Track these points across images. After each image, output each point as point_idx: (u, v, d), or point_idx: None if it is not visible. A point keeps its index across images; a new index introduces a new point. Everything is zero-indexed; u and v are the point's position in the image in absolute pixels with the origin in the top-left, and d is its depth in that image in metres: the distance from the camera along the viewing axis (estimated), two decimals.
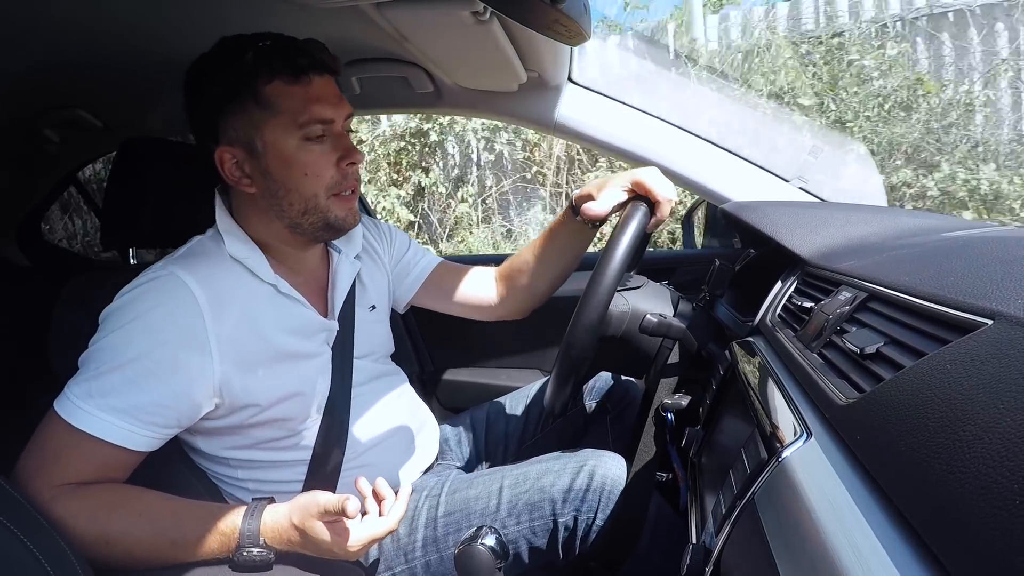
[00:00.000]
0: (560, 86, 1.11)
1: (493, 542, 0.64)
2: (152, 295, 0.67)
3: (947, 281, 0.42)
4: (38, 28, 0.79)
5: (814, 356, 0.50)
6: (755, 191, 1.08)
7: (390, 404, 0.89)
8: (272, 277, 0.75)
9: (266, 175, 0.72)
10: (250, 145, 0.71)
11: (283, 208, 0.73)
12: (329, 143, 0.73)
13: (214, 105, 0.71)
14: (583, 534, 0.78)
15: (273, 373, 0.73)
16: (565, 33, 0.57)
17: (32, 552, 0.48)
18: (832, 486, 0.35)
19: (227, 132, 0.71)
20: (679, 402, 0.81)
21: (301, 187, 0.72)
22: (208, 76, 0.71)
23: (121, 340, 0.64)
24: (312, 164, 0.72)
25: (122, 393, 0.63)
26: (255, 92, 0.69)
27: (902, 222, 0.78)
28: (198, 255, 0.73)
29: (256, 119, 0.70)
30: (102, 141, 1.35)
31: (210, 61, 0.71)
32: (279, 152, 0.70)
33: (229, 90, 0.70)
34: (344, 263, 0.86)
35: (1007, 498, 0.23)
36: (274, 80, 0.69)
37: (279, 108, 0.69)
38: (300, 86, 0.69)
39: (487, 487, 0.82)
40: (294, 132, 0.70)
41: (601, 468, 0.80)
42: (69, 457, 0.62)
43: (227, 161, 0.72)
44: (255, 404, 0.72)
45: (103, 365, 0.63)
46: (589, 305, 0.71)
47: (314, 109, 0.70)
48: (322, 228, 0.76)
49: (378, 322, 0.92)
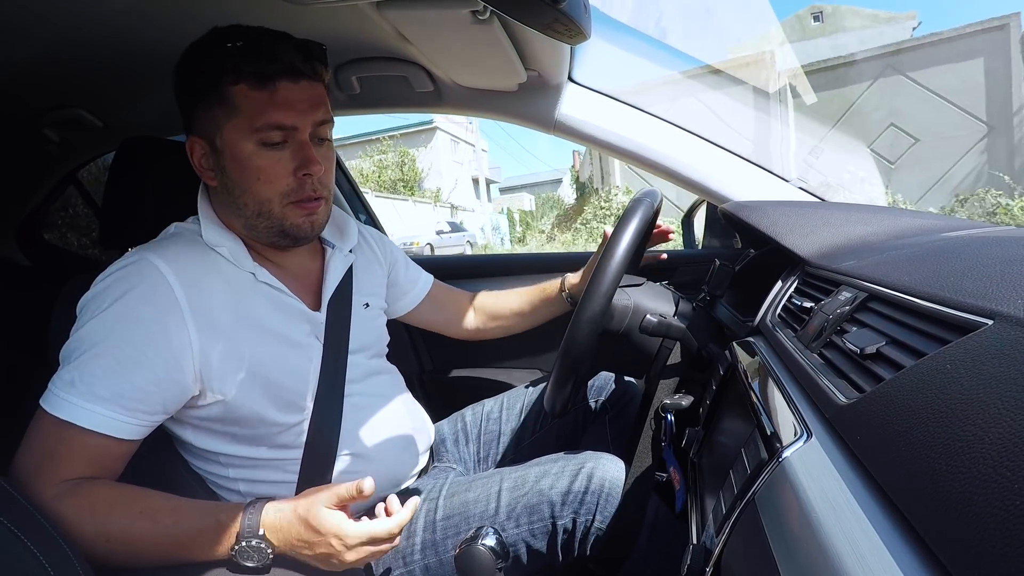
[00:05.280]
0: (560, 85, 1.11)
1: (493, 542, 0.64)
2: (124, 280, 0.67)
3: (947, 281, 0.42)
4: (38, 28, 0.79)
5: (814, 356, 0.50)
6: (755, 191, 1.08)
7: (385, 402, 0.89)
8: (250, 265, 0.75)
9: (224, 172, 0.72)
10: (212, 141, 0.71)
11: (239, 207, 0.74)
12: (289, 150, 0.71)
13: (187, 97, 0.72)
14: (582, 536, 0.78)
15: (254, 355, 0.72)
16: (565, 32, 0.57)
17: (32, 552, 0.48)
18: (832, 486, 0.35)
19: (196, 123, 0.73)
20: (679, 402, 0.81)
21: (255, 190, 0.72)
22: (186, 66, 0.71)
23: (98, 327, 0.64)
24: (266, 170, 0.71)
25: (104, 380, 0.63)
26: (220, 91, 0.69)
27: (902, 222, 0.78)
28: (172, 238, 0.74)
29: (217, 117, 0.70)
30: (102, 141, 1.34)
31: (191, 51, 0.71)
32: (235, 153, 0.70)
33: (199, 84, 0.70)
34: (337, 257, 0.85)
35: (1007, 498, 0.23)
36: (240, 83, 0.68)
37: (239, 110, 0.69)
38: (265, 91, 0.68)
39: (486, 490, 0.82)
40: (250, 136, 0.69)
41: (599, 470, 0.80)
42: (61, 453, 0.62)
43: (196, 151, 0.73)
44: (237, 388, 0.70)
45: (83, 354, 0.63)
46: (590, 304, 0.71)
47: (272, 115, 0.69)
48: (277, 234, 0.75)
49: (372, 318, 0.92)
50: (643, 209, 0.77)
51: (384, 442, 0.86)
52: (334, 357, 0.80)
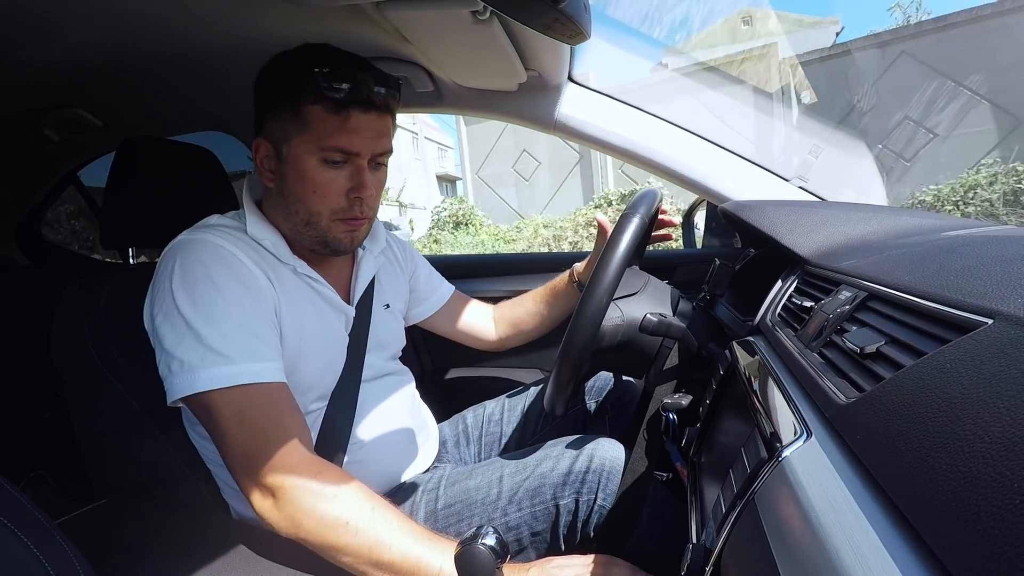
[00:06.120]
0: (560, 85, 1.11)
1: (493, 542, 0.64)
2: (195, 253, 0.71)
3: (947, 280, 0.41)
4: (38, 28, 0.79)
5: (814, 356, 0.50)
6: (755, 190, 1.08)
7: (394, 403, 0.91)
8: (291, 258, 0.79)
9: (283, 178, 0.76)
10: (279, 148, 0.75)
11: (289, 212, 0.78)
12: (347, 171, 0.75)
13: (265, 101, 0.76)
14: (585, 516, 0.78)
15: (302, 334, 0.76)
16: (565, 32, 0.57)
17: (32, 552, 0.48)
18: (832, 486, 0.35)
19: (268, 127, 0.76)
20: (679, 402, 0.81)
21: (308, 201, 0.76)
22: (270, 74, 0.75)
23: (196, 300, 0.67)
24: (323, 185, 0.75)
25: (235, 338, 0.66)
26: (297, 108, 0.72)
27: (902, 222, 0.78)
28: (215, 228, 0.76)
29: (289, 129, 0.73)
30: (102, 141, 1.35)
31: (280, 62, 0.75)
32: (297, 165, 0.74)
33: (279, 95, 0.74)
34: (368, 259, 0.90)
35: (1007, 497, 0.23)
36: (317, 104, 0.72)
37: (311, 127, 0.72)
38: (338, 116, 0.72)
39: (487, 477, 0.83)
40: (316, 152, 0.73)
41: (600, 451, 0.81)
42: (262, 423, 0.64)
43: (261, 151, 0.77)
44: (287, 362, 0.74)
45: (204, 324, 0.66)
46: (590, 304, 0.71)
47: (341, 139, 0.73)
48: (319, 243, 0.79)
49: (391, 320, 0.95)
50: (644, 206, 0.77)
51: (391, 440, 0.88)
52: (355, 352, 0.84)
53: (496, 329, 1.14)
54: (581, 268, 1.07)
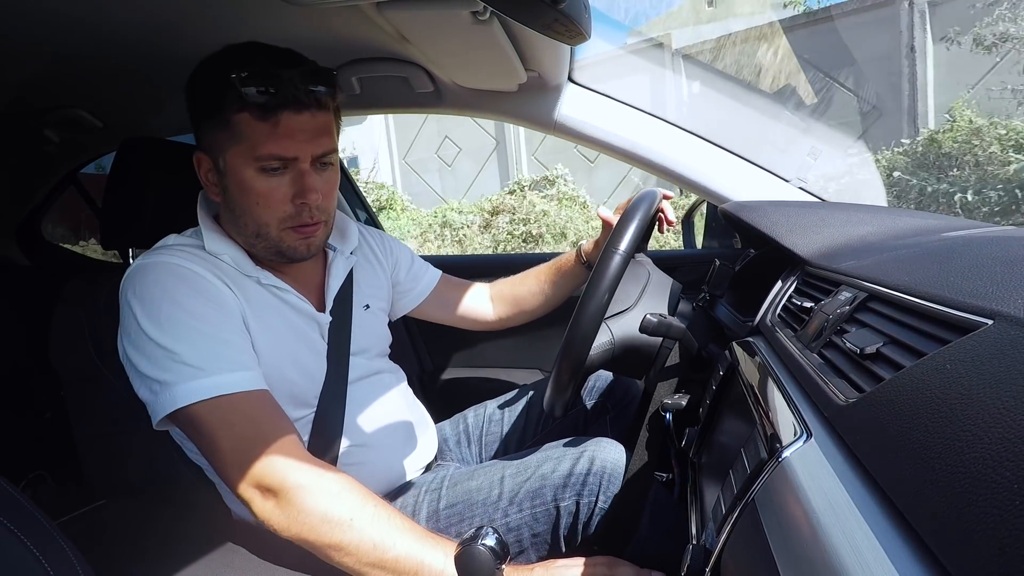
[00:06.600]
0: (560, 86, 1.11)
1: (493, 542, 0.63)
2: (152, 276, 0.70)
3: (947, 281, 0.41)
4: (39, 28, 0.79)
5: (814, 356, 0.50)
6: (755, 191, 1.08)
7: (386, 401, 0.90)
8: (254, 270, 0.76)
9: (227, 191, 0.74)
10: (216, 161, 0.73)
11: (239, 225, 0.76)
12: (288, 176, 0.72)
13: (195, 113, 0.74)
14: (586, 518, 0.78)
15: (272, 349, 0.75)
16: (565, 33, 0.57)
17: (32, 552, 0.48)
18: (832, 486, 0.35)
19: (203, 140, 0.74)
20: (679, 402, 0.81)
21: (254, 213, 0.73)
22: (194, 83, 0.72)
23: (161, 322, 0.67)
24: (265, 195, 0.72)
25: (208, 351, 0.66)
26: (224, 117, 0.69)
27: (902, 222, 0.78)
28: (172, 248, 0.75)
29: (221, 141, 0.71)
30: (102, 141, 1.35)
31: (202, 70, 0.71)
32: (236, 177, 0.72)
33: (205, 106, 0.71)
34: (339, 260, 0.87)
35: (1007, 498, 0.23)
36: (243, 111, 0.69)
37: (242, 137, 0.70)
38: (267, 123, 0.69)
39: (488, 478, 0.82)
40: (251, 162, 0.70)
41: (601, 453, 0.81)
42: (251, 429, 0.64)
43: (202, 166, 0.75)
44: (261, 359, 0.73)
45: (174, 343, 0.65)
46: (589, 305, 0.71)
47: (274, 146, 0.70)
48: (275, 253, 0.77)
49: (372, 320, 0.93)
50: (645, 204, 0.77)
51: (387, 440, 0.87)
52: (337, 357, 0.82)
53: (494, 308, 1.11)
54: (589, 247, 1.04)
